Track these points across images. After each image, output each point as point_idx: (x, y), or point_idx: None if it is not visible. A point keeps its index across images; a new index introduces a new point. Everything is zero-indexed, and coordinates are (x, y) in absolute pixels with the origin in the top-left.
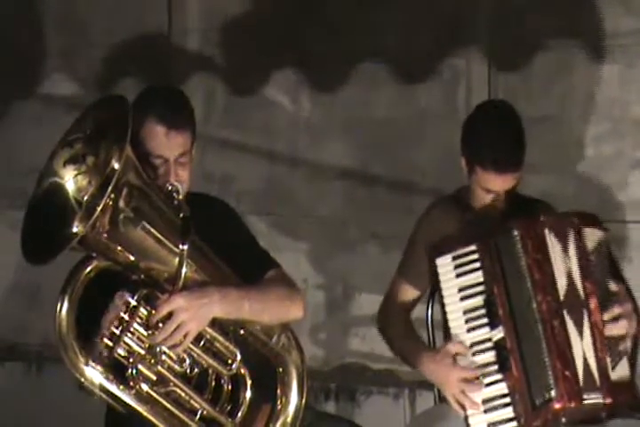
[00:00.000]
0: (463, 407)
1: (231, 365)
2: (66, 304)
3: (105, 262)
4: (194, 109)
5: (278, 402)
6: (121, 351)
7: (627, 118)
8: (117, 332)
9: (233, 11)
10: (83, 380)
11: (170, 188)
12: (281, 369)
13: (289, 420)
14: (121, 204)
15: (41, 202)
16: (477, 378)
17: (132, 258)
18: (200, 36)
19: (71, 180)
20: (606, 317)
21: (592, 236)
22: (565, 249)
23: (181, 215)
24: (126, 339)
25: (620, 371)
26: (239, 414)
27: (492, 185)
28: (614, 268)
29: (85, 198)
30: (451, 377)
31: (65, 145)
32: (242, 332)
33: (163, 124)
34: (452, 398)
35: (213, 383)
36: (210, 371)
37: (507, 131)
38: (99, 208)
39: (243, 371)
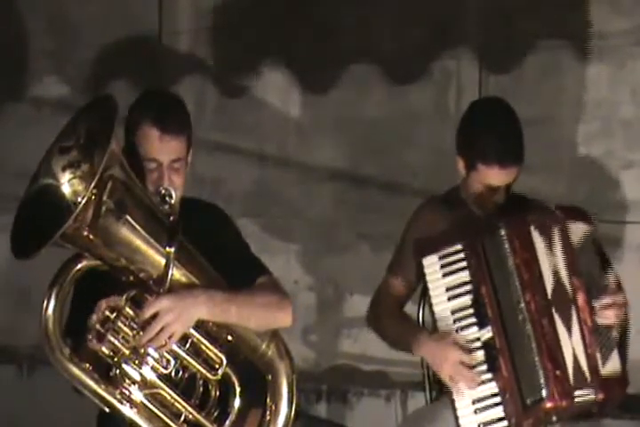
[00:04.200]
0: (456, 391)
1: (217, 370)
2: (52, 301)
3: (93, 261)
4: (190, 115)
5: (267, 411)
6: (106, 350)
7: (616, 118)
8: (103, 331)
9: (223, 13)
10: (67, 377)
11: (162, 191)
12: (270, 377)
13: None
14: (104, 197)
15: (33, 200)
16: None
17: (118, 256)
18: (190, 37)
19: (66, 183)
20: (597, 306)
21: (577, 230)
22: (550, 246)
23: (171, 218)
24: (111, 338)
25: (611, 365)
26: (227, 422)
27: (495, 180)
28: (602, 260)
29: (79, 199)
30: (450, 356)
31: (59, 147)
32: (229, 338)
33: (157, 127)
34: (448, 378)
35: (201, 389)
36: (198, 376)
37: (508, 125)
38: (82, 201)
39: (233, 379)
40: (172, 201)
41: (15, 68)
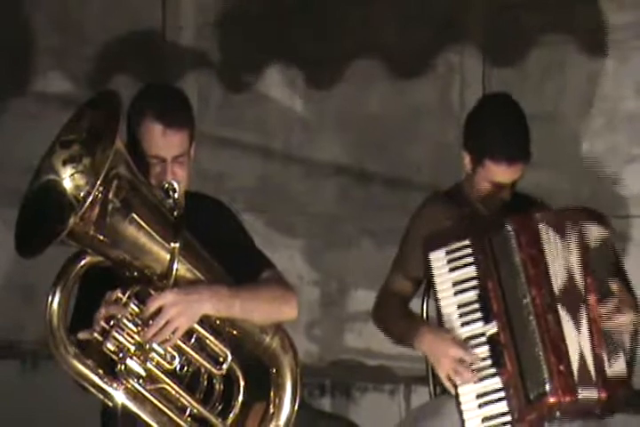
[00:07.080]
0: (454, 386)
1: (222, 364)
2: (57, 297)
3: (98, 258)
4: (192, 109)
5: (272, 404)
6: (111, 347)
7: (621, 114)
8: (107, 327)
9: (227, 7)
10: (71, 373)
11: (166, 185)
12: (275, 370)
13: (282, 422)
14: (110, 196)
15: (36, 197)
16: (472, 364)
17: (123, 253)
18: (194, 32)
19: (67, 177)
20: (605, 309)
21: (595, 233)
22: (566, 245)
23: (175, 213)
24: (116, 334)
25: (617, 367)
26: (231, 415)
27: (502, 177)
28: (617, 266)
29: (81, 194)
30: (450, 352)
31: (62, 142)
32: (234, 332)
33: (160, 122)
34: (445, 374)
35: (205, 383)
36: (202, 370)
37: (516, 122)
38: (88, 200)
39: (237, 373)
40: (177, 195)
41: (19, 64)
